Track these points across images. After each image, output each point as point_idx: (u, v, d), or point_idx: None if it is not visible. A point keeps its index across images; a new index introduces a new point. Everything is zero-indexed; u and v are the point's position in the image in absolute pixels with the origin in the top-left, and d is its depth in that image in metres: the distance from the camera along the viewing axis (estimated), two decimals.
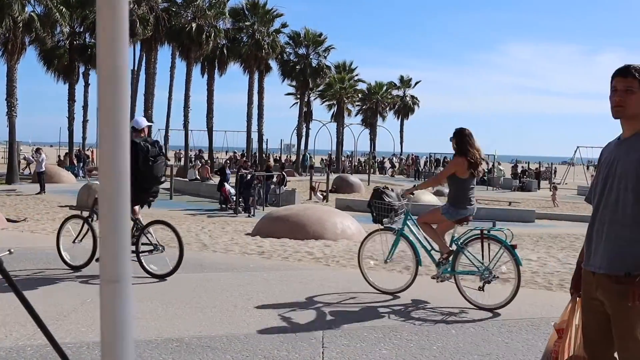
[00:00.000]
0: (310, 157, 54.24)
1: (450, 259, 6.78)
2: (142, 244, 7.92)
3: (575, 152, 53.41)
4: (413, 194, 7.59)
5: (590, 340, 3.24)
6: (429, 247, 7.14)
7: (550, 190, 33.47)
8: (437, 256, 7.06)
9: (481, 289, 6.54)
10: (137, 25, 38.69)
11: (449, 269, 6.79)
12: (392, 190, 7.56)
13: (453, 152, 7.07)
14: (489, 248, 6.62)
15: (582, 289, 3.30)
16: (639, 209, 3.06)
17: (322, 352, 4.95)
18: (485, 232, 6.66)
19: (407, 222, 7.26)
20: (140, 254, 7.81)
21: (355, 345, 5.13)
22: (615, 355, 3.19)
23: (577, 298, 3.35)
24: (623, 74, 3.12)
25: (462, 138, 6.88)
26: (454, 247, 6.85)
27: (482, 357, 4.95)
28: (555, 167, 60.84)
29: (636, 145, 3.10)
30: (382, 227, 7.35)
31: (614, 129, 3.30)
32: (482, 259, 6.60)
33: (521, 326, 5.89)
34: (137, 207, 8.12)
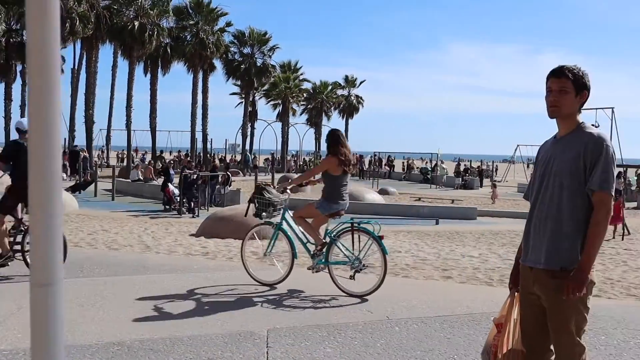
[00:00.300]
0: (255, 156, 54.04)
1: (324, 250, 7.18)
2: (28, 242, 7.76)
3: (516, 150, 54.66)
4: (287, 189, 7.94)
5: (527, 333, 3.32)
6: (304, 240, 7.49)
7: (491, 188, 34.23)
8: (312, 249, 7.39)
9: (352, 277, 7.01)
10: (77, 23, 37.87)
11: (323, 260, 7.18)
12: (273, 187, 7.93)
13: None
14: (359, 239, 7.12)
15: (520, 284, 3.39)
16: (573, 206, 3.16)
17: (267, 352, 4.94)
18: (356, 224, 7.10)
19: (285, 217, 7.56)
20: (26, 253, 7.72)
21: (299, 344, 5.14)
22: (551, 347, 3.29)
23: (516, 293, 3.44)
24: (557, 75, 3.21)
25: (333, 139, 7.37)
26: (327, 240, 7.23)
27: (425, 353, 5.02)
28: (497, 165, 62.16)
29: (571, 143, 3.20)
30: (261, 221, 7.69)
31: (553, 128, 3.40)
32: (353, 249, 7.07)
33: (463, 321, 5.99)
34: (19, 207, 8.06)
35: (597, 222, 3.11)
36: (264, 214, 7.51)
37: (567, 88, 3.18)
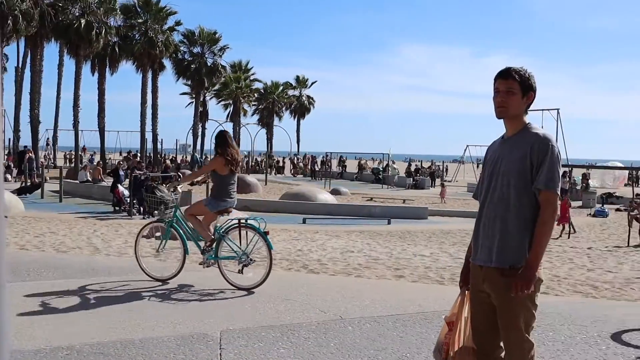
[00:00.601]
0: (207, 157, 53.58)
1: (214, 246, 7.46)
2: None
3: (465, 150, 55.49)
4: (177, 188, 8.32)
5: (478, 331, 3.37)
6: (195, 237, 7.76)
7: (441, 188, 34.74)
8: (203, 245, 7.63)
9: (240, 271, 7.32)
10: (20, 20, 36.88)
11: (212, 256, 7.45)
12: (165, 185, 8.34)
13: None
14: (246, 235, 7.48)
15: (471, 282, 3.44)
16: (521, 205, 3.22)
17: (220, 354, 4.90)
18: (243, 221, 7.48)
19: (177, 214, 7.83)
20: None
21: (253, 346, 5.11)
22: (501, 344, 3.35)
23: (466, 291, 3.49)
24: (504, 76, 3.27)
25: (221, 140, 7.65)
26: (216, 236, 7.52)
27: (378, 351, 5.06)
28: (447, 166, 63.03)
29: (518, 144, 3.26)
30: (154, 219, 7.87)
31: (501, 129, 3.46)
32: (240, 245, 7.41)
33: (415, 320, 6.06)
34: None
35: (543, 221, 3.18)
36: (155, 212, 7.80)
37: (513, 89, 3.24)
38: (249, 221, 7.47)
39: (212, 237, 7.52)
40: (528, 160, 3.19)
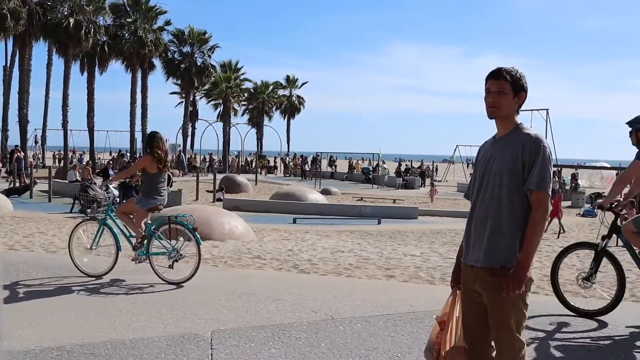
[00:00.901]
0: (196, 156, 53.42)
1: (145, 243, 7.75)
2: None
3: (455, 150, 55.72)
4: (110, 187, 8.52)
5: (469, 330, 3.39)
6: (127, 234, 8.02)
7: (430, 187, 34.89)
8: (135, 241, 7.97)
9: (171, 267, 7.61)
10: (8, 19, 36.64)
11: (144, 252, 7.74)
12: (96, 184, 8.52)
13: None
14: (176, 232, 7.79)
15: (462, 282, 3.45)
16: (512, 205, 3.23)
17: (211, 354, 4.89)
18: (173, 218, 7.75)
19: (109, 212, 8.08)
20: None
21: (244, 346, 5.11)
22: (492, 343, 3.36)
23: (458, 291, 3.50)
24: (495, 77, 3.28)
25: (150, 140, 7.97)
26: (147, 233, 7.80)
27: (369, 351, 5.06)
28: (437, 166, 63.19)
29: (510, 144, 3.28)
30: (87, 217, 8.09)
31: (491, 129, 3.47)
32: (170, 241, 7.73)
33: (406, 320, 6.07)
34: None
35: (535, 221, 3.19)
36: (88, 210, 7.94)
37: (505, 89, 3.25)
38: (178, 218, 7.76)
39: (143, 234, 7.79)
40: (520, 160, 3.21)
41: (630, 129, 6.22)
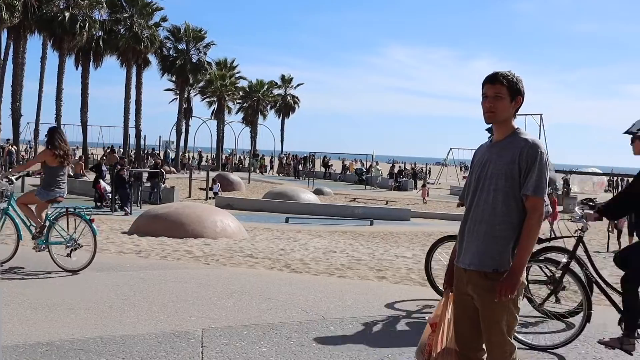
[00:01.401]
0: (191, 154, 53.27)
1: (44, 232, 8.13)
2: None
3: (449, 153, 55.70)
4: (11, 178, 8.75)
5: (461, 333, 3.39)
6: (28, 224, 8.34)
7: (421, 189, 35.05)
8: (34, 231, 8.27)
9: (69, 255, 8.01)
10: (3, 11, 36.44)
11: (43, 241, 8.11)
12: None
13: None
14: (74, 222, 8.23)
15: (454, 285, 3.44)
16: (507, 209, 3.23)
17: (202, 352, 4.88)
18: (71, 209, 8.19)
19: (11, 203, 8.37)
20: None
21: (235, 344, 5.10)
22: (484, 346, 3.36)
23: (450, 293, 3.50)
24: (492, 81, 3.27)
25: (50, 135, 8.32)
26: (47, 223, 8.17)
27: (359, 352, 5.06)
28: (430, 168, 63.28)
29: (507, 148, 3.27)
30: None
31: (486, 132, 3.47)
32: (68, 231, 8.13)
33: (397, 321, 6.06)
34: None
35: (530, 226, 3.19)
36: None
37: (501, 94, 3.25)
38: (76, 209, 8.22)
39: (43, 224, 8.15)
40: (517, 165, 3.20)
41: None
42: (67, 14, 39.82)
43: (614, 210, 5.69)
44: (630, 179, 6.44)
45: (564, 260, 5.71)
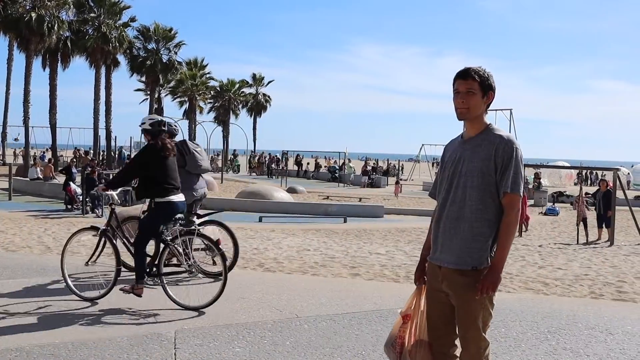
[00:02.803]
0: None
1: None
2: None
3: (421, 149, 56.04)
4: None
5: (434, 328, 3.40)
6: None
7: (395, 185, 35.30)
8: None
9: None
10: None
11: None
12: None
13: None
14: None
15: (427, 281, 3.44)
16: (484, 206, 3.22)
17: (175, 353, 4.85)
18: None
19: None
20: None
21: (208, 345, 5.07)
22: (456, 342, 3.38)
23: (423, 285, 3.50)
24: (464, 77, 3.26)
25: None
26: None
27: (333, 349, 5.07)
28: (402, 164, 63.56)
29: (481, 145, 3.26)
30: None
31: (456, 128, 3.49)
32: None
33: (370, 318, 6.09)
34: None
35: (508, 222, 3.19)
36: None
37: (473, 89, 3.23)
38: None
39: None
40: (492, 161, 3.20)
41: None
42: (33, 15, 39.20)
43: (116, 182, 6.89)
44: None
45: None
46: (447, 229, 3.31)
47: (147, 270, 6.54)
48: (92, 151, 47.08)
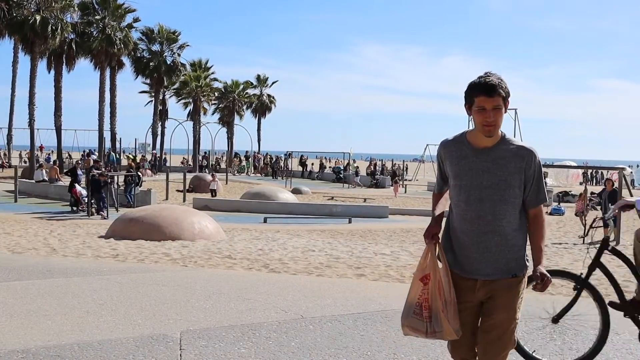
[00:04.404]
0: (156, 155, 52.84)
1: None
2: None
3: (425, 149, 55.96)
4: None
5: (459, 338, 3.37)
6: None
7: (394, 184, 35.33)
8: None
9: None
10: None
11: None
12: None
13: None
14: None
15: (456, 293, 3.30)
16: (514, 218, 3.22)
17: (180, 355, 4.85)
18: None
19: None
20: None
21: (213, 346, 5.08)
22: (476, 349, 3.40)
23: (434, 242, 3.35)
24: (490, 94, 3.06)
25: None
26: None
27: (339, 350, 5.07)
28: (407, 165, 63.54)
29: (506, 157, 3.19)
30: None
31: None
32: None
33: (376, 318, 6.08)
34: None
35: (540, 226, 3.27)
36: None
37: (500, 105, 3.10)
38: None
39: None
40: (522, 175, 3.18)
41: None
42: (38, 17, 39.30)
43: None
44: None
45: None
46: (479, 243, 3.24)
47: None
48: (97, 153, 47.16)
